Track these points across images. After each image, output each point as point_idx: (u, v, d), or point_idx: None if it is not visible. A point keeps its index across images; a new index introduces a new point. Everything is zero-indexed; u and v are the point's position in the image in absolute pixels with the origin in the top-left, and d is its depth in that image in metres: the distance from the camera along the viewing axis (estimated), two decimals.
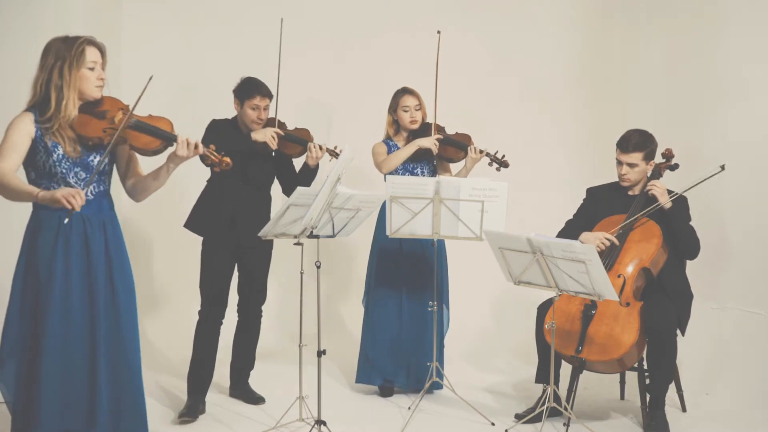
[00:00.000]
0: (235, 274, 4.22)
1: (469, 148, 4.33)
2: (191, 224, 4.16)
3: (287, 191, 4.30)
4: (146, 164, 3.23)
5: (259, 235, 3.59)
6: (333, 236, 3.75)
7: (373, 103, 5.00)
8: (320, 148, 4.15)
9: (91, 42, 2.97)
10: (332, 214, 3.61)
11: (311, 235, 3.63)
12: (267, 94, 4.10)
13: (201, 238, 4.16)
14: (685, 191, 4.00)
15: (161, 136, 3.04)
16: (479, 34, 5.72)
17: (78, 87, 2.93)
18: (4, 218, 4.31)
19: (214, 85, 5.22)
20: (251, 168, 4.10)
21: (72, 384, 2.92)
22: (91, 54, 2.95)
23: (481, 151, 4.32)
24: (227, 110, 4.21)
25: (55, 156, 2.91)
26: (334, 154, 4.25)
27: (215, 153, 3.17)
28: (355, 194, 3.58)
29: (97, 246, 2.96)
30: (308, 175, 4.22)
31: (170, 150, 3.07)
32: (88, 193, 2.96)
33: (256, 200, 4.15)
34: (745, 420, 4.02)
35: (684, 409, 4.16)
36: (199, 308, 4.12)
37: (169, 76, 5.17)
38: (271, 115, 4.21)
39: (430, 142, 4.33)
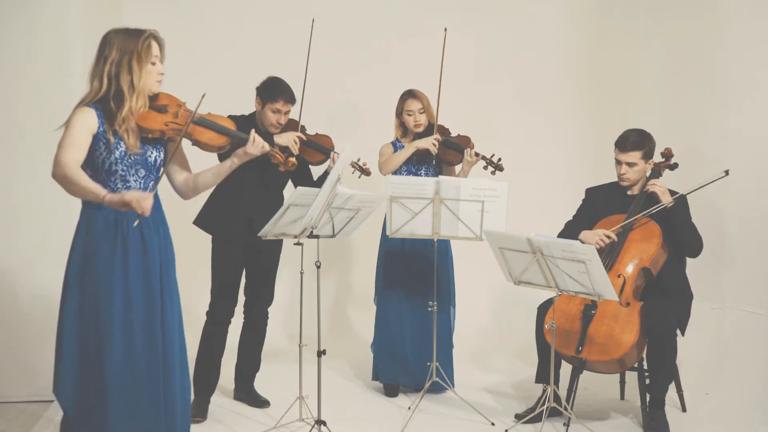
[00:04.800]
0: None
1: (465, 151, 4.31)
2: (203, 222, 4.11)
3: None
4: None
5: (259, 234, 3.58)
6: (333, 236, 3.75)
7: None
8: None
9: (155, 36, 2.90)
10: (332, 214, 3.61)
11: (311, 235, 3.63)
12: (291, 99, 4.02)
13: (207, 239, 4.11)
14: (687, 194, 4.00)
15: (227, 132, 3.04)
16: (479, 35, 5.73)
17: (146, 81, 2.86)
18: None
19: (215, 85, 5.21)
20: (270, 170, 4.02)
21: (137, 394, 2.81)
22: (155, 48, 2.89)
23: (476, 154, 4.29)
24: (230, 112, 4.17)
25: (117, 153, 2.81)
26: (357, 167, 4.24)
27: (280, 153, 3.21)
28: (355, 194, 3.58)
29: (152, 247, 2.88)
30: None
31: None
32: (147, 191, 2.87)
33: (271, 202, 4.09)
34: (745, 420, 4.02)
35: (684, 409, 4.16)
36: (207, 309, 4.08)
37: (169, 76, 5.16)
38: (294, 116, 4.15)
39: (428, 143, 4.32)
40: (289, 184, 4.24)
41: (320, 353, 3.69)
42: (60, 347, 2.81)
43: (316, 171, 4.29)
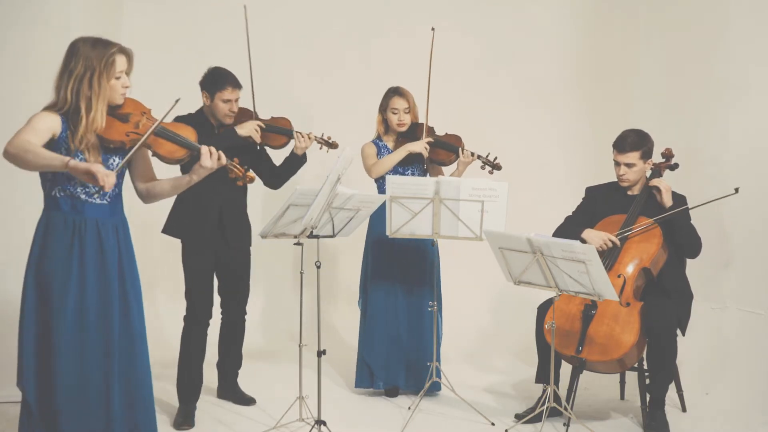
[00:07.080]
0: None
1: (460, 151, 4.27)
2: (172, 229, 4.01)
3: (269, 182, 4.24)
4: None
5: (258, 234, 3.58)
6: (333, 236, 3.75)
7: (371, 103, 5.01)
8: (308, 136, 4.12)
9: (122, 51, 2.91)
10: (332, 214, 3.61)
11: (311, 235, 3.63)
12: (238, 85, 3.99)
13: (177, 242, 4.04)
14: (694, 207, 4.00)
15: (186, 145, 3.01)
16: (478, 34, 5.72)
17: (107, 97, 2.88)
18: (10, 219, 4.31)
19: None
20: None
21: (88, 390, 2.87)
22: (120, 63, 2.89)
23: (472, 154, 4.25)
24: None
25: (77, 160, 2.82)
26: (323, 142, 4.22)
27: (238, 166, 3.12)
28: (356, 194, 3.58)
29: (110, 250, 2.91)
30: (296, 163, 4.16)
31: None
32: (106, 198, 2.92)
33: (236, 196, 4.07)
34: (745, 420, 4.02)
35: (684, 409, 4.16)
36: (184, 313, 4.01)
37: (170, 75, 5.17)
38: (244, 105, 4.09)
39: (420, 147, 4.27)
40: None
41: (320, 353, 3.68)
42: (21, 343, 2.87)
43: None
